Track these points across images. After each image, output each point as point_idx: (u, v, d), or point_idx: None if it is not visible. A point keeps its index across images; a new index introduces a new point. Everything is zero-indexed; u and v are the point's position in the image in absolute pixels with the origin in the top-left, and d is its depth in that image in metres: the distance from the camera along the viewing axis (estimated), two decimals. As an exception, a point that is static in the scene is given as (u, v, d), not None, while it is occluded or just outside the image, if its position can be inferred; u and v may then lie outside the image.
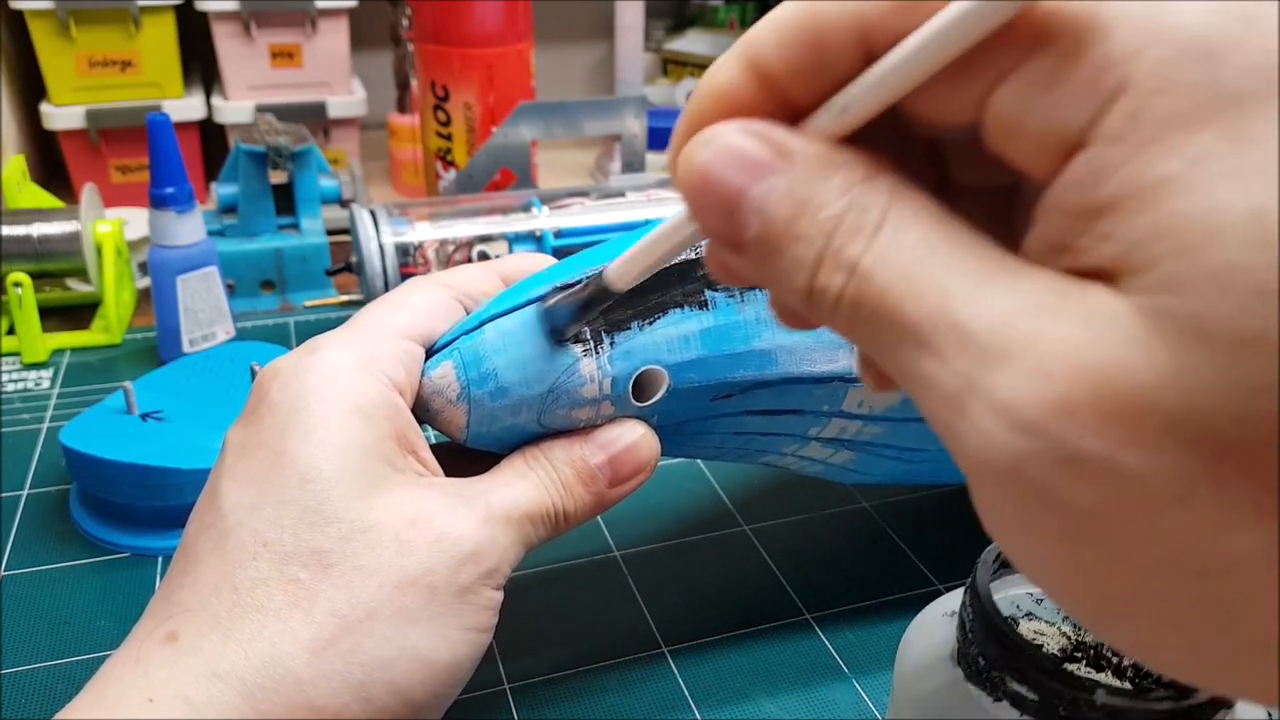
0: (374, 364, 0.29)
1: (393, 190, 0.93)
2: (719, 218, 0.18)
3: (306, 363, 0.29)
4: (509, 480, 0.30)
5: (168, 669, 0.24)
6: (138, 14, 0.80)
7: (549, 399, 0.30)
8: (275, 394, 0.28)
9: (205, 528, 0.27)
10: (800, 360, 0.32)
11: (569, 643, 0.39)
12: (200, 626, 0.25)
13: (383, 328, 0.30)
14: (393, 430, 0.28)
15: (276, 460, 0.27)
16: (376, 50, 0.99)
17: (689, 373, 0.31)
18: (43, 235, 0.61)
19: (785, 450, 0.36)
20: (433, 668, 0.26)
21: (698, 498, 0.48)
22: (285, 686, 0.25)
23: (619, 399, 0.31)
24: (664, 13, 1.15)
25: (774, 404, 0.33)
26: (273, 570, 0.26)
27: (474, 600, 0.27)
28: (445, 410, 0.30)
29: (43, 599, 0.41)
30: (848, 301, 0.17)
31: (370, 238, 0.58)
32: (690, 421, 0.33)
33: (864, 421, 0.35)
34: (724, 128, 0.18)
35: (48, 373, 0.59)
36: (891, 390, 0.20)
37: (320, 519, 0.26)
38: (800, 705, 0.37)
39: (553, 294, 0.30)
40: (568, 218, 0.62)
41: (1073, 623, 0.28)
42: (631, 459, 0.31)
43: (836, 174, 0.17)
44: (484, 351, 0.30)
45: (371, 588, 0.26)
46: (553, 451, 0.30)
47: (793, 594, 0.42)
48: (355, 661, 0.25)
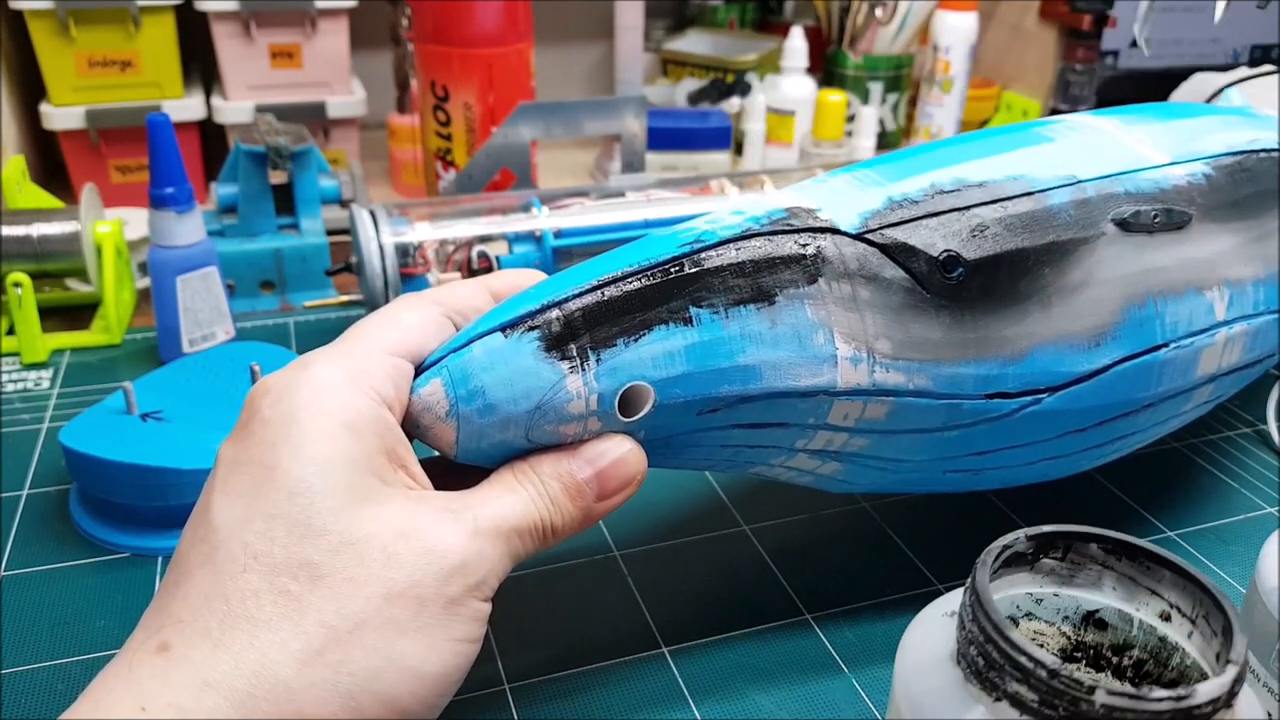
0: (364, 380, 0.29)
1: (393, 190, 0.93)
2: None
3: (297, 379, 0.29)
4: (497, 494, 0.30)
5: (160, 679, 0.25)
6: (137, 14, 0.80)
7: (536, 415, 0.30)
8: (266, 410, 0.29)
9: (197, 541, 0.28)
10: (785, 375, 0.32)
11: (569, 642, 0.39)
12: (192, 637, 0.26)
13: (373, 344, 0.31)
14: (382, 445, 0.29)
15: (267, 475, 0.27)
16: (376, 50, 0.99)
17: (674, 388, 0.31)
18: (43, 235, 0.61)
19: (773, 462, 0.36)
20: (421, 678, 0.27)
21: (698, 497, 0.48)
22: (275, 696, 0.25)
23: (605, 415, 0.31)
24: (664, 13, 1.15)
25: (760, 418, 0.33)
26: (263, 582, 0.26)
27: (462, 612, 0.28)
28: (435, 426, 0.31)
29: (43, 599, 0.41)
30: None
31: (370, 238, 0.58)
32: (677, 436, 0.33)
33: (850, 434, 0.35)
34: None
35: (48, 373, 0.59)
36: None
37: (310, 532, 0.27)
38: (799, 704, 0.37)
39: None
40: (567, 218, 0.62)
41: (1073, 622, 0.28)
42: (619, 474, 0.31)
43: None
44: (472, 369, 0.30)
45: (360, 599, 0.26)
46: (541, 466, 0.31)
47: (792, 593, 0.42)
48: (344, 671, 0.26)
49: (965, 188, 0.37)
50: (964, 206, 0.36)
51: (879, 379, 0.34)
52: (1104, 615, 0.28)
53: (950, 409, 0.35)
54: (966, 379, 0.35)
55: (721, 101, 0.99)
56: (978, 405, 0.36)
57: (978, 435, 0.36)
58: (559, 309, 0.31)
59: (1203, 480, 0.50)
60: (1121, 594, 0.27)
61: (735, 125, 0.95)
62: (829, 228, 0.34)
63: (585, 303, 0.31)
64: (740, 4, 1.15)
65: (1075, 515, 0.47)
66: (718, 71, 1.02)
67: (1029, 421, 0.37)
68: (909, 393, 0.34)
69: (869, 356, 0.34)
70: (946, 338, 0.35)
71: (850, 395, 0.34)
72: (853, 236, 0.34)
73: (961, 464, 0.38)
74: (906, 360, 0.34)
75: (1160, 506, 0.48)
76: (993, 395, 0.36)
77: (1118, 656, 0.28)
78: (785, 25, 1.03)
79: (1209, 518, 0.47)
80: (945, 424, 0.36)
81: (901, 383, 0.34)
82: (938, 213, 0.36)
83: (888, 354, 0.34)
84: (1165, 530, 0.46)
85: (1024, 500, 0.48)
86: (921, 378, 0.34)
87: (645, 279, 0.31)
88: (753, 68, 1.01)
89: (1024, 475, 0.40)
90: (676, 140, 0.89)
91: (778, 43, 1.02)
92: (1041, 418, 0.37)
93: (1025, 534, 0.27)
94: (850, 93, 1.01)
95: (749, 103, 0.95)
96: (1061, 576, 0.28)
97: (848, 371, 0.33)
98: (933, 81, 0.99)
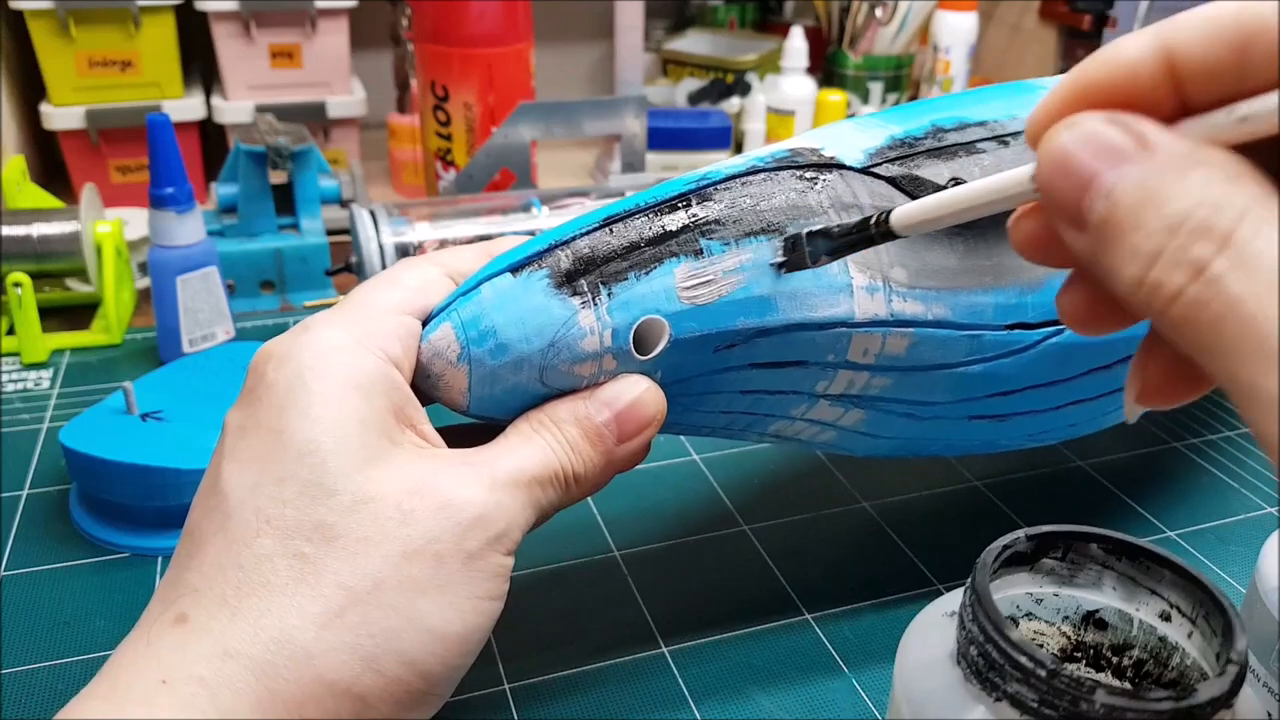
0: (369, 340, 0.29)
1: (393, 190, 0.93)
2: (1068, 196, 0.19)
3: (300, 342, 0.29)
4: (514, 445, 0.29)
5: (179, 651, 0.25)
6: (138, 14, 0.80)
7: (550, 354, 0.29)
8: (271, 374, 0.28)
9: (209, 510, 0.27)
10: (801, 305, 0.32)
11: (569, 642, 0.39)
12: (209, 606, 0.25)
13: (376, 305, 0.30)
14: (390, 404, 0.28)
15: (275, 438, 0.27)
16: (376, 50, 0.99)
17: (689, 321, 0.31)
18: (43, 235, 0.61)
19: (794, 414, 0.35)
20: (443, 638, 0.26)
21: (698, 498, 0.48)
22: (295, 661, 0.25)
23: (620, 352, 0.30)
24: (664, 13, 1.15)
25: (778, 355, 0.33)
26: (277, 546, 0.26)
27: (483, 567, 0.27)
28: (446, 373, 0.30)
29: (43, 599, 0.41)
30: (1187, 301, 0.17)
31: (370, 238, 0.58)
32: (695, 379, 0.32)
33: (871, 372, 0.34)
34: (1089, 115, 0.19)
35: (48, 373, 0.59)
36: (1185, 396, 0.21)
37: (322, 492, 0.26)
38: (799, 704, 0.37)
39: (813, 233, 0.30)
40: (568, 218, 0.62)
41: (1073, 623, 0.28)
42: (637, 414, 0.30)
43: (1196, 171, 0.17)
44: (482, 310, 0.30)
45: (377, 558, 0.26)
46: (557, 413, 0.30)
47: (792, 594, 0.42)
48: (364, 633, 0.25)
49: (967, 126, 0.36)
50: (967, 142, 0.36)
51: (897, 308, 0.33)
52: (1104, 615, 0.28)
53: (972, 340, 0.35)
54: (986, 307, 0.35)
55: (721, 101, 0.99)
56: (999, 337, 0.35)
57: (1002, 371, 0.36)
58: (567, 246, 0.30)
59: (1203, 480, 0.50)
60: (1121, 594, 0.27)
61: (735, 125, 0.95)
62: (835, 163, 0.34)
63: (594, 240, 0.30)
64: (740, 4, 1.15)
65: (1075, 515, 0.47)
66: (718, 71, 1.02)
67: (1052, 355, 0.36)
68: (928, 323, 0.34)
69: (885, 285, 0.33)
70: (962, 265, 0.34)
71: (869, 327, 0.33)
72: (858, 171, 0.34)
73: (987, 406, 0.37)
74: (924, 289, 0.34)
75: (1160, 506, 0.48)
76: (1014, 326, 0.35)
77: (1118, 656, 0.28)
78: (785, 25, 1.03)
79: (1209, 518, 0.47)
80: (967, 357, 0.35)
81: (920, 312, 0.34)
82: (941, 148, 0.36)
83: (904, 282, 0.33)
84: (1165, 530, 0.46)
85: (1024, 500, 0.48)
86: (940, 307, 0.34)
87: (653, 214, 0.31)
88: (753, 68, 1.01)
89: (1052, 425, 0.39)
90: (676, 140, 0.89)
91: (778, 43, 1.02)
92: (1064, 351, 0.36)
93: (1025, 534, 0.27)
94: (850, 93, 1.01)
95: (749, 103, 0.95)
96: (1061, 576, 0.28)
97: (864, 301, 0.33)
98: (932, 81, 0.99)
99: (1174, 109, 0.19)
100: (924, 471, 0.50)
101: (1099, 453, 0.52)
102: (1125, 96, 0.19)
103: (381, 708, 0.26)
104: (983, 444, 0.40)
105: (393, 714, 0.26)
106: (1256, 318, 0.16)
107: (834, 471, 0.50)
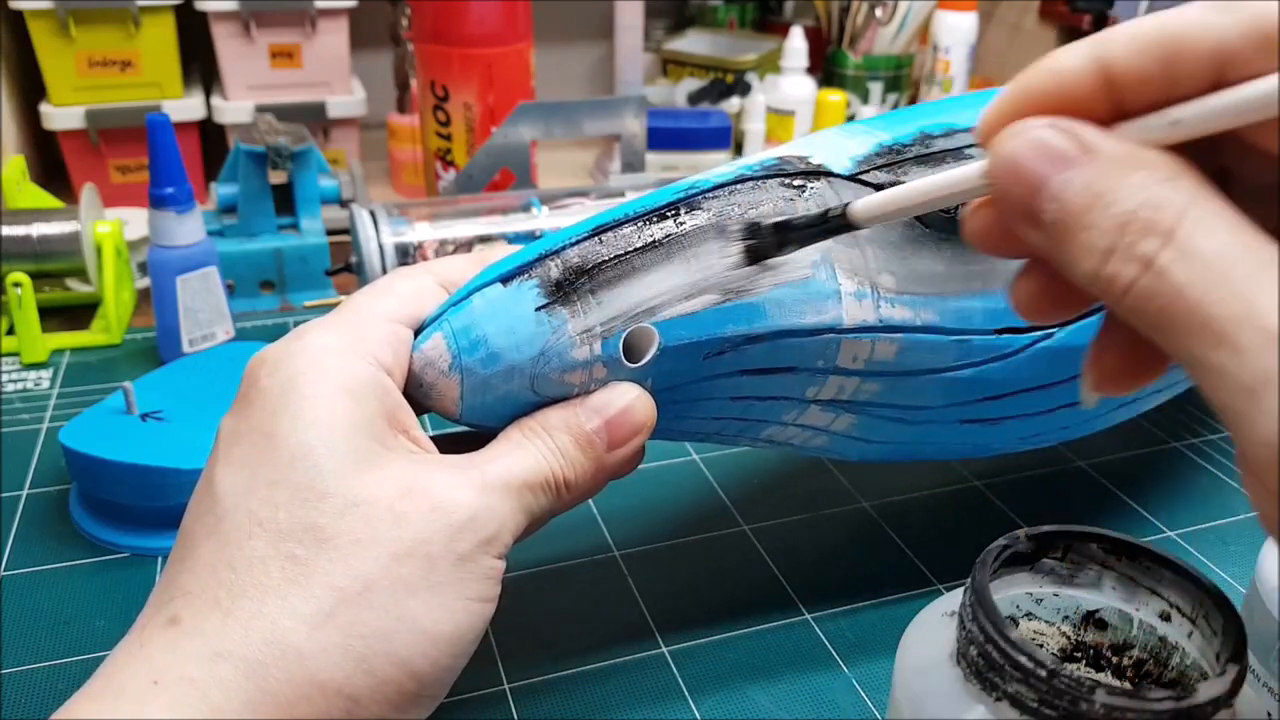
0: (361, 346, 0.29)
1: (392, 190, 0.93)
2: (1020, 198, 0.21)
3: (293, 348, 0.29)
4: (506, 450, 0.30)
5: (171, 652, 0.25)
6: (137, 14, 0.80)
7: (540, 362, 0.30)
8: (264, 380, 0.29)
9: (202, 514, 0.27)
10: (789, 312, 0.32)
11: (569, 642, 0.39)
12: (201, 608, 0.25)
13: (369, 312, 0.30)
14: (382, 409, 0.29)
15: (268, 443, 0.27)
16: (376, 50, 0.99)
17: (679, 329, 0.31)
18: (42, 235, 0.61)
19: (785, 419, 0.35)
20: (434, 638, 0.27)
21: (697, 497, 0.48)
22: (287, 662, 0.25)
23: (611, 360, 0.31)
24: (664, 13, 1.15)
25: (768, 361, 0.33)
26: (269, 548, 0.26)
27: (474, 569, 0.27)
28: (438, 382, 0.30)
29: (42, 599, 0.41)
30: (1139, 291, 0.19)
31: (370, 238, 0.58)
32: (686, 386, 0.32)
33: (861, 377, 0.34)
34: (1034, 122, 0.21)
35: (47, 373, 0.59)
36: (1144, 380, 0.23)
37: (314, 495, 0.26)
38: (799, 703, 0.37)
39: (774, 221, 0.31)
40: (567, 218, 0.62)
41: (1073, 622, 0.28)
42: (627, 421, 0.31)
43: (1137, 173, 0.19)
44: (473, 320, 0.30)
45: (368, 560, 0.26)
46: (548, 420, 0.30)
47: (791, 593, 0.42)
48: (355, 634, 0.25)
49: (955, 132, 0.36)
50: (955, 148, 0.36)
51: (885, 314, 0.33)
52: (1104, 615, 0.28)
53: (960, 345, 0.35)
54: (974, 312, 0.35)
55: (721, 101, 0.99)
56: (988, 341, 0.35)
57: (991, 375, 0.36)
58: (557, 256, 0.30)
59: (1203, 480, 0.50)
60: (1121, 594, 0.27)
61: (735, 125, 0.95)
62: (823, 171, 0.34)
63: (583, 250, 0.30)
64: (740, 4, 1.15)
65: (1075, 515, 0.47)
66: (718, 71, 1.02)
67: (1041, 359, 0.36)
68: (917, 328, 0.34)
69: (873, 291, 0.33)
70: (950, 270, 0.34)
71: (857, 333, 0.33)
72: (845, 178, 0.34)
73: (977, 410, 0.37)
74: (912, 294, 0.34)
75: (1160, 506, 0.48)
76: (1002, 330, 0.35)
77: (1118, 656, 0.28)
78: (785, 25, 1.03)
79: (1209, 518, 0.47)
80: (956, 361, 0.35)
81: (909, 318, 0.34)
82: (929, 154, 0.36)
83: (892, 288, 0.34)
84: (1165, 530, 0.46)
85: (1024, 500, 0.48)
86: (928, 312, 0.34)
87: (642, 223, 0.31)
88: (753, 68, 1.01)
89: (1043, 428, 0.39)
90: (676, 140, 0.89)
91: (778, 43, 1.02)
92: (1054, 355, 0.36)
93: (1025, 534, 0.27)
94: (850, 93, 1.01)
95: (749, 103, 0.95)
96: (1061, 576, 0.28)
97: (852, 307, 0.33)
98: (932, 81, 0.99)
99: (1110, 113, 0.21)
100: (924, 471, 0.50)
101: (1099, 453, 0.52)
102: (1065, 103, 0.21)
103: (373, 708, 0.26)
104: (975, 448, 0.40)
105: (385, 714, 0.26)
106: (1201, 301, 0.18)
107: (833, 471, 0.50)
